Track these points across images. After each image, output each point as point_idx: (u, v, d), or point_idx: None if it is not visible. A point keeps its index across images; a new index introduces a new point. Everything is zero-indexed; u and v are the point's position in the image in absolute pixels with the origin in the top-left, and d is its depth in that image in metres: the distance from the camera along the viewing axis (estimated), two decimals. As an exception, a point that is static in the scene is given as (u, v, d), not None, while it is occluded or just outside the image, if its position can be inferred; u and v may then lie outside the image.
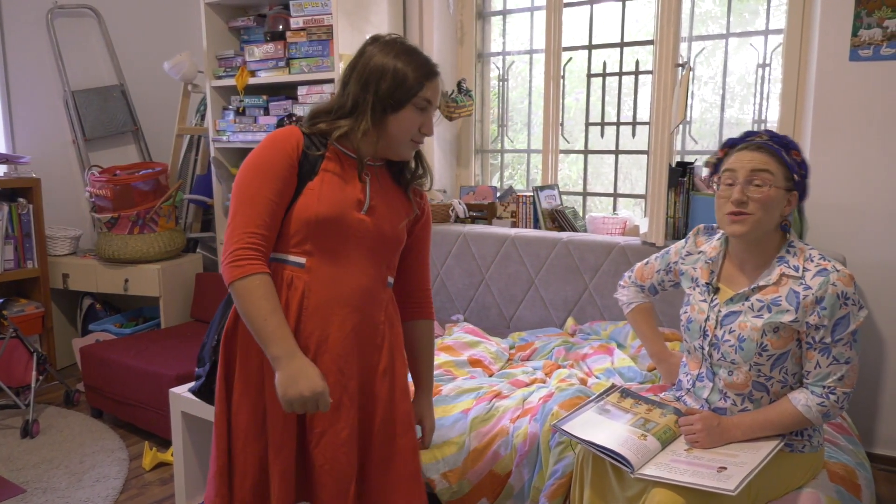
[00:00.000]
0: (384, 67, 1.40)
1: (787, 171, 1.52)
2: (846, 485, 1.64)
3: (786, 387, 1.56)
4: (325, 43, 3.10)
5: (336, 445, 1.42)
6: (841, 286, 1.46)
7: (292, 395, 1.32)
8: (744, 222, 1.51)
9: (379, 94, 1.39)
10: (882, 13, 2.41)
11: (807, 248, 1.55)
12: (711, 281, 1.64)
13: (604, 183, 3.34)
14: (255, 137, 3.36)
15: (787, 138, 1.56)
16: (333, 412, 1.41)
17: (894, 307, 2.53)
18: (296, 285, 1.41)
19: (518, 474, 1.96)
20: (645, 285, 1.90)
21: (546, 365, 2.44)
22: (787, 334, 1.51)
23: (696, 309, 1.66)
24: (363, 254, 1.45)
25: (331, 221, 1.40)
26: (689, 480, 1.41)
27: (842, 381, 1.49)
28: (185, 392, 2.24)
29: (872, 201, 2.52)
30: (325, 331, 1.42)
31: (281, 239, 1.42)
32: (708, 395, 1.63)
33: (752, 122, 2.92)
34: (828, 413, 1.51)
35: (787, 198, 1.53)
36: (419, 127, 1.44)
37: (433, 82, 1.43)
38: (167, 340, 3.16)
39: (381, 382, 1.49)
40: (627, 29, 3.13)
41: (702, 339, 1.63)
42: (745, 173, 1.51)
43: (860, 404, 2.63)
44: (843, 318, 1.46)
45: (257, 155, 1.41)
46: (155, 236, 3.49)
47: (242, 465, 1.45)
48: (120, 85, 4.00)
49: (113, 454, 2.78)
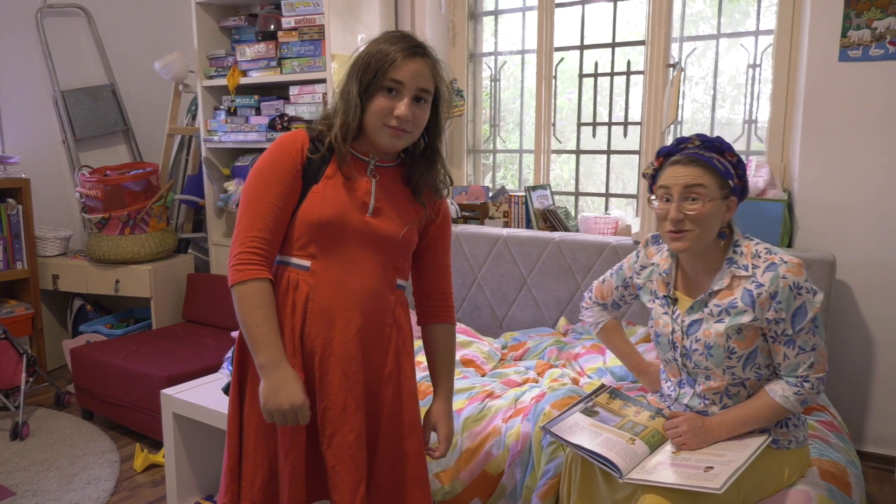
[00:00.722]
0: (367, 53, 1.38)
1: (722, 179, 1.50)
2: (837, 482, 1.65)
3: (761, 379, 1.58)
4: (316, 43, 3.10)
5: (344, 448, 1.42)
6: (791, 277, 1.46)
7: (272, 407, 1.33)
8: (684, 239, 1.51)
9: (359, 82, 1.37)
10: (871, 14, 2.43)
11: (752, 244, 1.54)
12: (669, 293, 1.65)
13: (596, 183, 3.35)
14: (246, 137, 3.35)
15: (718, 140, 1.55)
16: (340, 415, 1.41)
17: (883, 306, 2.55)
18: (300, 288, 1.41)
19: (510, 474, 1.97)
20: (607, 303, 1.89)
21: (538, 364, 2.45)
22: (751, 333, 1.52)
23: (660, 323, 1.66)
24: (369, 256, 1.43)
25: (334, 224, 1.39)
26: (676, 482, 1.42)
27: (813, 368, 1.51)
28: (176, 393, 2.24)
29: (862, 201, 2.54)
30: (330, 334, 1.41)
31: (286, 242, 1.43)
32: (689, 401, 1.65)
33: (742, 121, 2.93)
34: (805, 400, 1.52)
35: (726, 204, 1.53)
36: (392, 110, 1.35)
37: (410, 62, 1.35)
38: (158, 341, 3.15)
39: (386, 386, 1.48)
40: (619, 29, 3.14)
41: (673, 351, 1.64)
42: (679, 190, 1.50)
43: (850, 402, 2.65)
44: (799, 308, 1.47)
45: (264, 159, 1.41)
46: (146, 237, 3.47)
47: (252, 465, 1.45)
48: (110, 84, 3.98)
49: (104, 456, 2.76)
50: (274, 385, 1.33)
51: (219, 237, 3.64)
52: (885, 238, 2.52)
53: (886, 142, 2.47)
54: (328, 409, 1.42)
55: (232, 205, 3.43)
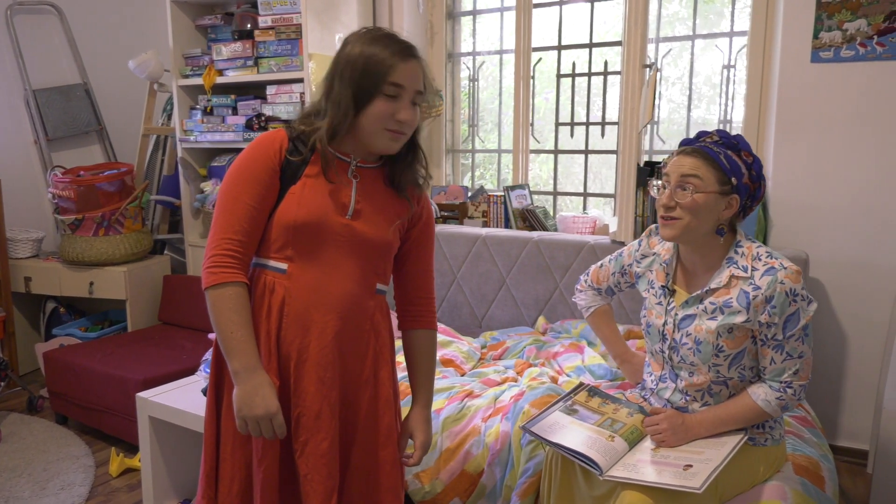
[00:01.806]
0: (358, 56, 1.33)
1: (723, 174, 1.51)
2: (810, 477, 1.68)
3: (744, 381, 1.60)
4: (294, 42, 3.08)
5: (317, 456, 1.38)
6: (789, 283, 1.47)
7: (245, 413, 1.31)
8: (672, 226, 1.53)
9: (353, 86, 1.33)
10: (841, 16, 2.47)
11: (754, 247, 1.56)
12: (667, 284, 1.66)
13: (574, 182, 3.37)
14: (223, 137, 3.32)
15: (737, 138, 1.56)
16: (314, 422, 1.38)
17: (855, 303, 2.60)
18: (276, 291, 1.38)
19: (490, 473, 1.97)
20: (602, 288, 1.90)
21: (517, 363, 2.46)
22: (741, 334, 1.54)
23: (653, 313, 1.68)
24: (347, 259, 1.40)
25: (311, 226, 1.36)
26: (656, 480, 1.43)
27: (797, 375, 1.52)
28: (152, 396, 2.21)
29: (833, 199, 2.58)
30: (306, 338, 1.38)
31: (263, 244, 1.40)
32: (670, 396, 1.66)
33: (717, 122, 2.97)
34: (786, 406, 1.55)
35: (727, 201, 1.53)
36: (393, 114, 1.34)
37: (407, 64, 1.33)
38: (134, 344, 3.11)
39: (363, 392, 1.45)
40: (596, 30, 3.16)
41: (661, 342, 1.65)
42: (676, 178, 1.52)
43: (823, 398, 2.70)
44: (793, 315, 1.49)
45: (241, 159, 1.38)
46: (121, 238, 3.42)
47: (230, 471, 1.43)
48: (83, 83, 3.92)
49: (78, 461, 2.72)
50: (248, 391, 1.31)
51: (195, 238, 3.60)
52: (857, 236, 2.56)
53: (857, 141, 2.52)
54: (302, 415, 1.38)
55: (209, 205, 3.40)
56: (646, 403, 1.73)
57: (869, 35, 2.44)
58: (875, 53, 2.44)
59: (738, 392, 1.60)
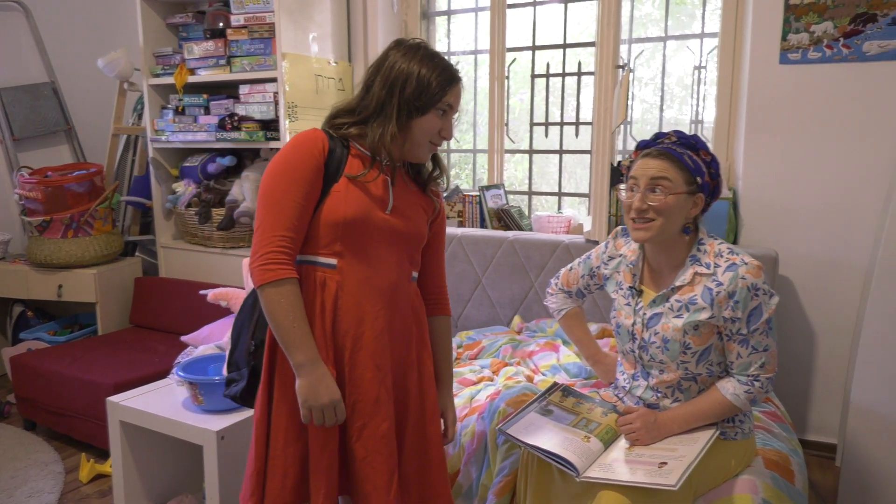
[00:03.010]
0: (409, 72, 1.44)
1: (689, 175, 1.54)
2: (780, 471, 1.71)
3: (712, 376, 1.62)
4: (267, 41, 3.05)
5: (377, 438, 1.46)
6: (750, 279, 1.50)
7: (312, 404, 1.39)
8: (647, 229, 1.56)
9: (404, 98, 1.44)
10: (809, 18, 2.52)
11: (716, 244, 1.59)
12: (634, 284, 1.69)
13: (549, 182, 3.39)
14: (195, 137, 3.28)
15: (694, 138, 1.59)
16: (373, 406, 1.46)
17: (823, 300, 2.65)
18: (329, 286, 1.45)
19: (466, 473, 1.97)
20: (572, 290, 1.92)
21: (493, 363, 2.46)
22: (707, 330, 1.56)
23: (622, 314, 1.70)
24: (390, 251, 1.49)
25: (358, 222, 1.44)
26: (632, 479, 1.44)
27: (763, 368, 1.55)
28: (123, 400, 2.18)
29: (802, 199, 2.63)
30: (360, 328, 1.46)
31: (310, 241, 1.46)
32: (642, 394, 1.68)
33: (689, 122, 3.01)
34: (754, 399, 1.57)
35: (693, 200, 1.56)
36: (439, 130, 1.48)
37: (455, 87, 1.47)
38: (105, 348, 3.05)
39: (411, 375, 1.55)
40: (570, 31, 3.18)
41: (632, 342, 1.67)
42: (646, 181, 1.55)
43: (792, 393, 2.74)
44: (755, 310, 1.52)
45: (284, 158, 1.43)
46: (90, 240, 3.36)
47: (283, 466, 1.47)
48: (51, 82, 3.84)
49: (47, 467, 2.67)
50: (313, 382, 1.38)
51: (167, 239, 3.55)
52: (825, 234, 2.61)
53: (825, 141, 2.57)
54: (358, 401, 1.46)
55: (181, 206, 3.35)
56: (619, 402, 1.75)
57: (835, 37, 2.49)
58: (841, 55, 2.49)
59: (708, 387, 1.62)
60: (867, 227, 2.54)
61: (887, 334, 2.16)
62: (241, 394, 1.60)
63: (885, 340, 2.16)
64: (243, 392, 1.60)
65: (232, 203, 3.19)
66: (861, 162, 2.53)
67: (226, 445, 1.96)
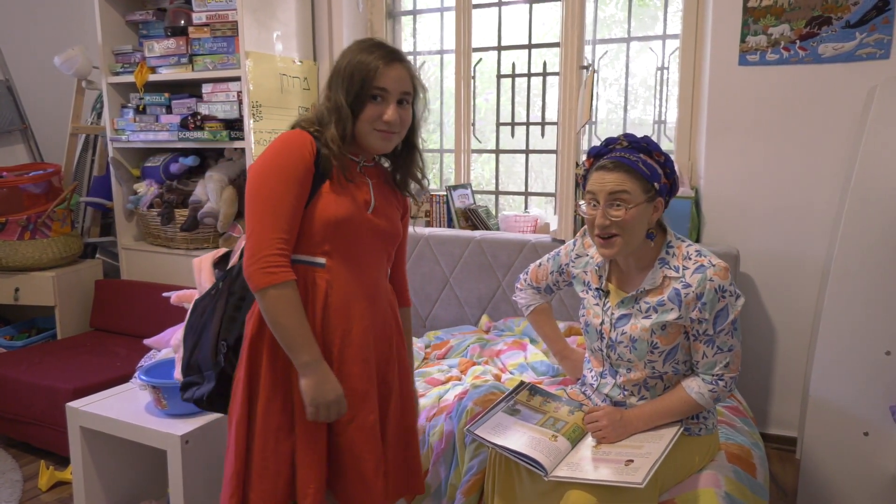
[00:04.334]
0: (347, 65, 1.46)
1: (646, 183, 1.54)
2: (742, 464, 1.74)
3: (678, 374, 1.65)
4: (230, 39, 3.00)
5: (365, 430, 1.50)
6: (717, 280, 1.53)
7: (320, 402, 1.42)
8: (612, 245, 1.56)
9: (347, 93, 1.45)
10: (766, 21, 2.58)
11: (684, 246, 1.61)
12: (601, 285, 1.70)
13: (516, 182, 3.41)
14: (156, 137, 3.22)
15: (645, 140, 1.59)
16: (360, 400, 1.50)
17: (783, 295, 2.71)
18: (319, 285, 1.48)
19: (435, 473, 1.97)
20: (541, 287, 1.93)
21: (461, 362, 2.47)
22: (674, 330, 1.59)
23: (591, 313, 1.71)
24: (372, 250, 1.54)
25: (347, 222, 1.47)
26: (599, 478, 1.46)
27: (728, 368, 1.58)
28: (83, 406, 2.12)
29: (762, 197, 2.69)
30: (348, 325, 1.49)
31: (301, 241, 1.47)
32: (609, 391, 1.70)
33: (652, 122, 3.05)
34: (718, 398, 1.60)
35: (653, 206, 1.57)
36: (380, 116, 1.46)
37: (390, 69, 1.45)
38: (64, 352, 2.98)
39: (392, 367, 1.60)
40: (535, 31, 3.20)
41: (600, 341, 1.69)
42: (605, 196, 1.54)
43: (754, 387, 2.81)
44: (722, 311, 1.54)
45: (275, 158, 1.43)
46: (48, 242, 3.28)
47: (275, 465, 1.48)
48: (5, 80, 3.73)
49: (4, 476, 2.59)
50: (319, 381, 1.42)
51: (128, 241, 3.47)
52: (782, 231, 2.68)
53: (783, 140, 2.63)
54: (347, 396, 1.48)
55: (142, 207, 3.29)
56: (587, 401, 1.76)
57: (792, 39, 2.55)
58: (798, 57, 2.55)
59: (673, 385, 1.65)
60: (824, 225, 2.61)
61: (844, 329, 2.22)
62: (208, 397, 1.58)
63: (842, 335, 2.23)
64: (210, 396, 1.58)
65: (196, 203, 3.14)
66: (817, 160, 2.59)
67: (190, 450, 1.93)
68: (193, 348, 1.60)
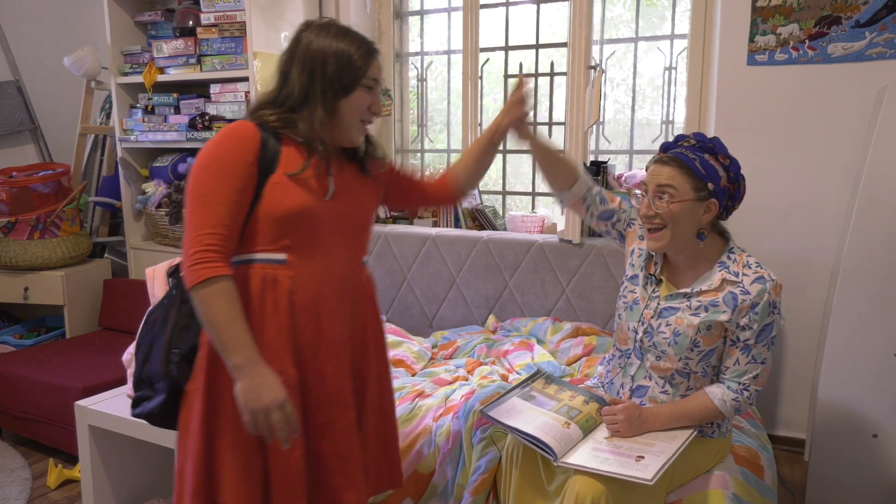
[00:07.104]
0: (326, 50, 1.37)
1: (698, 181, 1.54)
2: (750, 466, 1.74)
3: (706, 377, 1.64)
4: (238, 40, 3.02)
5: (344, 429, 1.44)
6: (773, 295, 1.55)
7: (255, 407, 1.28)
8: (658, 239, 1.58)
9: (326, 79, 1.37)
10: (775, 21, 2.56)
11: (744, 256, 1.62)
12: (655, 272, 1.70)
13: (523, 182, 3.40)
14: (165, 137, 3.23)
15: (713, 141, 1.58)
16: (336, 398, 1.43)
17: (792, 296, 2.70)
18: (281, 283, 1.38)
19: (442, 472, 1.97)
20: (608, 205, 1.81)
21: (468, 362, 2.47)
22: (718, 332, 1.59)
23: (638, 293, 1.70)
24: (338, 239, 1.45)
25: (303, 214, 1.37)
26: (609, 470, 1.46)
27: (755, 380, 1.59)
28: (92, 404, 2.14)
29: (770, 196, 2.68)
30: (319, 322, 1.41)
31: (254, 238, 1.37)
32: (634, 372, 1.69)
33: (660, 122, 3.04)
34: (739, 408, 1.60)
35: (706, 205, 1.56)
36: (369, 106, 1.43)
37: (376, 59, 1.43)
38: (72, 351, 3.00)
39: (369, 359, 1.54)
40: (542, 31, 3.20)
41: (638, 323, 1.68)
42: (653, 188, 1.57)
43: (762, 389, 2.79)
44: (768, 325, 1.56)
45: (209, 153, 1.34)
46: (57, 241, 3.30)
47: (248, 482, 1.38)
48: (15, 81, 3.75)
49: (13, 474, 2.61)
50: (254, 384, 1.29)
51: (137, 240, 3.49)
52: (791, 232, 2.66)
53: (792, 141, 2.62)
54: (322, 397, 1.42)
55: (151, 207, 3.30)
56: (603, 392, 1.76)
57: (801, 39, 2.53)
58: (807, 57, 2.54)
59: (697, 388, 1.64)
60: (833, 225, 2.59)
61: (853, 330, 2.21)
62: (159, 410, 1.45)
63: (851, 336, 2.21)
64: (161, 408, 1.45)
65: (203, 203, 3.14)
66: (826, 161, 2.58)
67: (198, 449, 1.93)
68: (144, 361, 1.48)
